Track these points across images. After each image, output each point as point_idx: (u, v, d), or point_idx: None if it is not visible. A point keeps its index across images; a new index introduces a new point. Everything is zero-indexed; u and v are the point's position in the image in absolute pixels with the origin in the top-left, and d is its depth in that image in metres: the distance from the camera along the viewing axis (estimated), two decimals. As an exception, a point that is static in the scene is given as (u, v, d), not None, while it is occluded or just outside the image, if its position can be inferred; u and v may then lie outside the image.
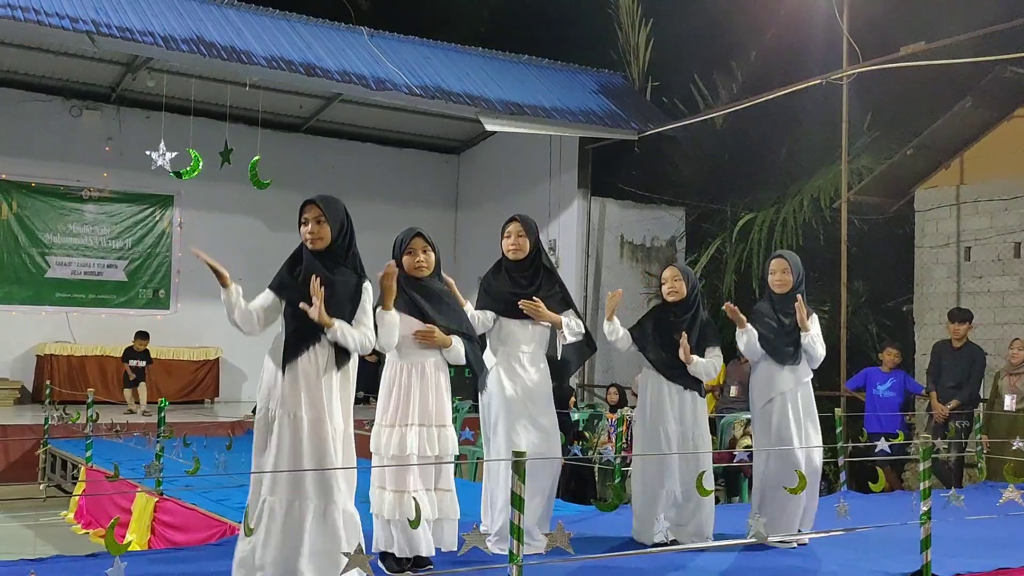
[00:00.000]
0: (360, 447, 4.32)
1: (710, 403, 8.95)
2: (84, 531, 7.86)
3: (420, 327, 4.59)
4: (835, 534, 5.13)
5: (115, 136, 14.27)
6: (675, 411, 5.35)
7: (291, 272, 4.21)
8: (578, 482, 8.83)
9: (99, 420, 8.49)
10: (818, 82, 10.87)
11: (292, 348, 4.07)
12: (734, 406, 9.75)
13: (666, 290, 5.45)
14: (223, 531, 5.75)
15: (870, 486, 4.93)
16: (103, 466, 7.65)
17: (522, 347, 5.12)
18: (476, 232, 15.32)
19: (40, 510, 8.80)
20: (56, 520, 8.39)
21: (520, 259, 5.16)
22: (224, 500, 6.22)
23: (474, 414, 6.70)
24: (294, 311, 4.10)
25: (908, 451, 7.51)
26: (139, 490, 6.85)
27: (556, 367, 5.28)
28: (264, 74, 12.36)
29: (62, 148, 13.96)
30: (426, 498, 4.47)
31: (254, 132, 13.47)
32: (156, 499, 6.68)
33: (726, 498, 8.69)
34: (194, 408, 13.59)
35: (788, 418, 5.43)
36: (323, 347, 4.09)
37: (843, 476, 7.48)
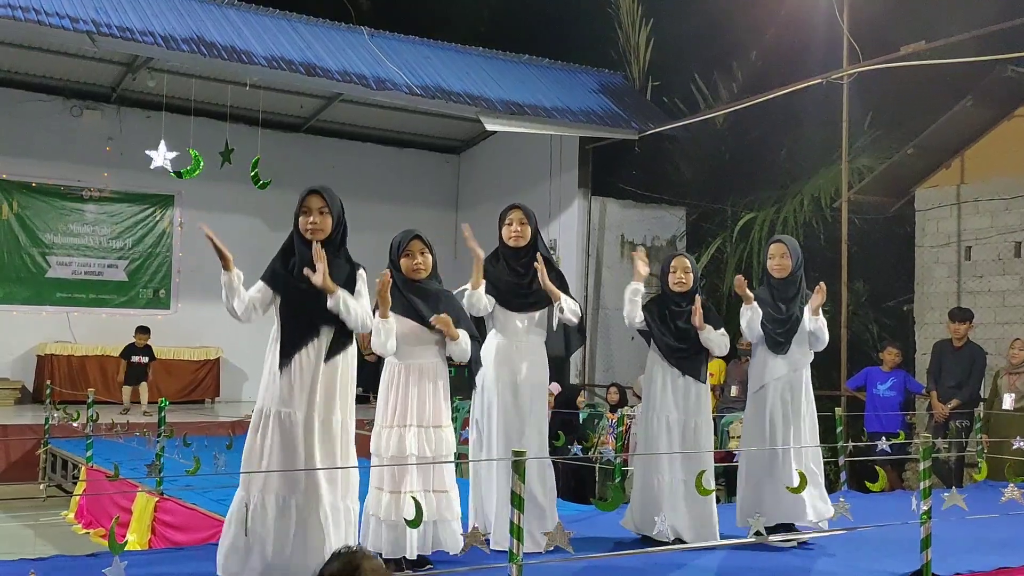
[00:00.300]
0: (361, 447, 4.31)
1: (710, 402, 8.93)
2: (84, 531, 7.87)
3: (418, 329, 4.60)
4: (835, 533, 5.14)
5: (115, 136, 14.26)
6: (679, 399, 5.37)
7: (284, 264, 4.19)
8: (578, 482, 8.84)
9: (99, 420, 8.50)
10: (818, 82, 10.85)
11: (288, 344, 4.06)
12: (734, 406, 9.74)
13: (673, 280, 5.45)
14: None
15: (869, 486, 4.92)
16: (103, 466, 7.66)
17: (519, 337, 5.14)
18: (477, 232, 14.99)
19: (40, 510, 8.81)
20: (56, 520, 8.40)
21: (521, 247, 5.17)
22: (224, 500, 6.21)
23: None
24: (288, 304, 4.09)
25: (909, 451, 7.50)
26: (139, 490, 6.86)
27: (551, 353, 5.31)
28: (264, 74, 12.35)
29: (62, 148, 13.96)
30: (424, 499, 4.46)
31: (254, 132, 13.48)
32: (156, 499, 6.68)
33: (726, 498, 8.68)
34: (195, 408, 13.59)
35: (778, 406, 5.46)
36: (320, 341, 4.08)
37: (843, 476, 7.48)
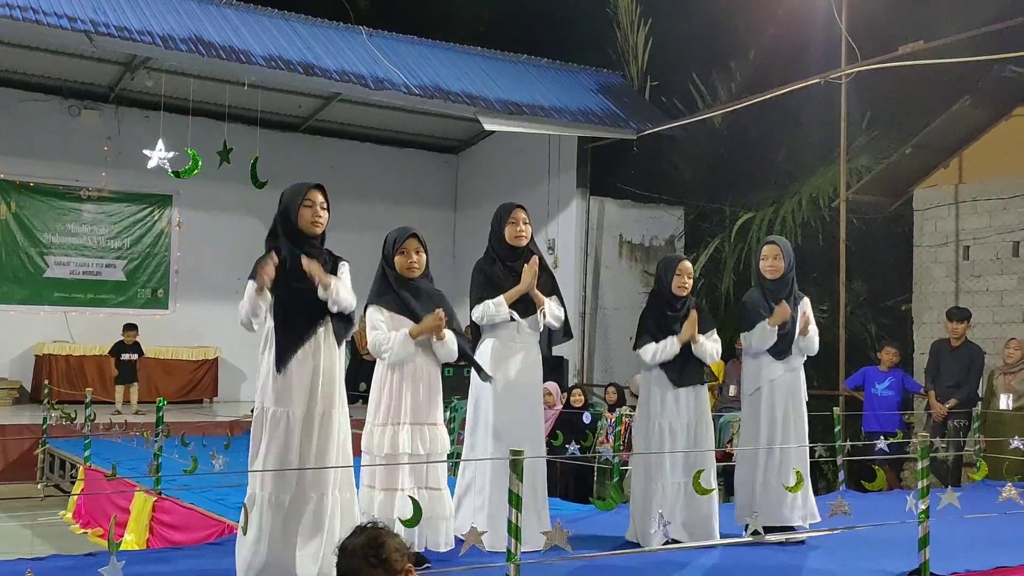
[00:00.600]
0: (352, 446, 4.32)
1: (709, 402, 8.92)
2: (82, 531, 7.86)
3: (412, 326, 4.60)
4: (833, 533, 5.14)
5: (114, 136, 14.26)
6: (679, 404, 5.36)
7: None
8: (577, 482, 8.83)
9: (97, 420, 8.50)
10: (817, 81, 10.86)
11: (285, 343, 4.07)
12: (733, 406, 9.73)
13: (677, 284, 5.44)
14: (221, 530, 5.76)
15: (867, 485, 4.93)
16: (101, 466, 7.66)
17: (514, 337, 5.16)
18: (475, 232, 15.22)
19: (38, 510, 8.80)
20: (54, 519, 8.40)
21: (520, 247, 5.20)
22: (222, 499, 6.22)
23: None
24: (283, 303, 4.09)
25: (907, 450, 7.50)
26: (137, 489, 6.85)
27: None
28: (263, 74, 12.34)
29: (61, 148, 13.95)
30: (416, 497, 4.46)
31: (253, 132, 13.48)
32: (154, 498, 6.68)
33: (724, 497, 8.67)
34: (193, 408, 13.58)
35: (774, 406, 5.48)
36: (317, 339, 4.10)
37: (841, 475, 7.48)
